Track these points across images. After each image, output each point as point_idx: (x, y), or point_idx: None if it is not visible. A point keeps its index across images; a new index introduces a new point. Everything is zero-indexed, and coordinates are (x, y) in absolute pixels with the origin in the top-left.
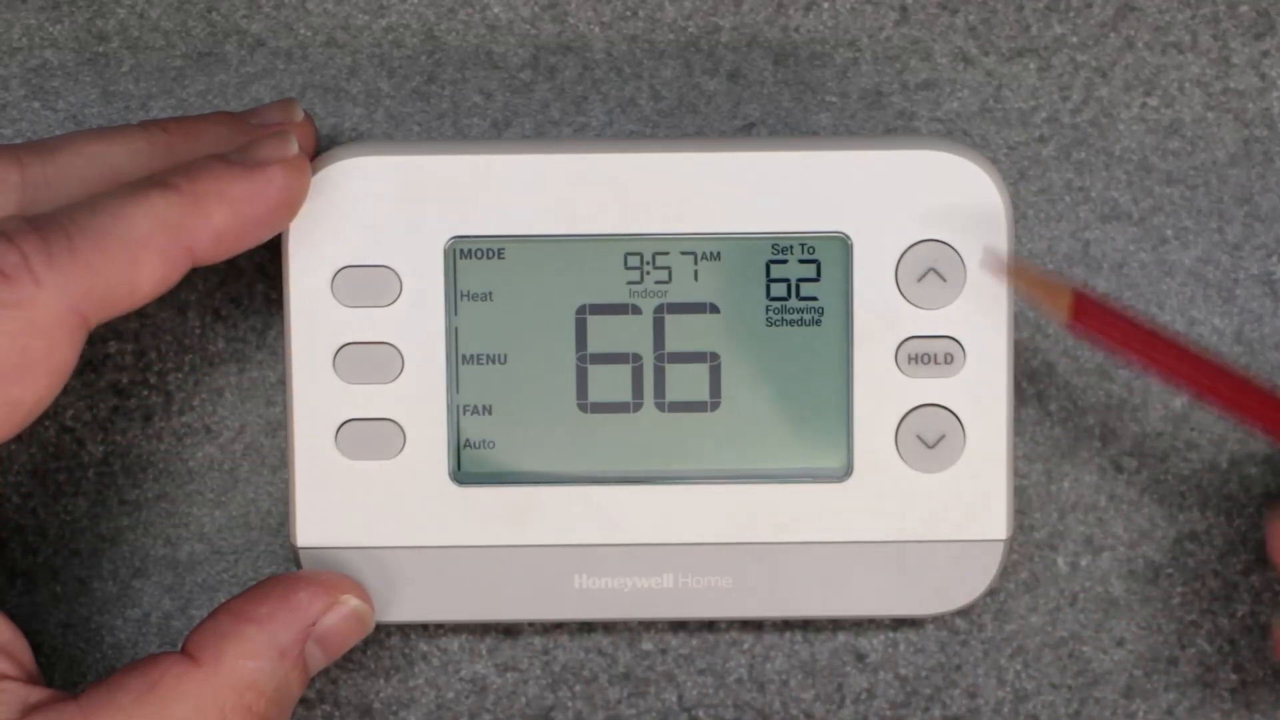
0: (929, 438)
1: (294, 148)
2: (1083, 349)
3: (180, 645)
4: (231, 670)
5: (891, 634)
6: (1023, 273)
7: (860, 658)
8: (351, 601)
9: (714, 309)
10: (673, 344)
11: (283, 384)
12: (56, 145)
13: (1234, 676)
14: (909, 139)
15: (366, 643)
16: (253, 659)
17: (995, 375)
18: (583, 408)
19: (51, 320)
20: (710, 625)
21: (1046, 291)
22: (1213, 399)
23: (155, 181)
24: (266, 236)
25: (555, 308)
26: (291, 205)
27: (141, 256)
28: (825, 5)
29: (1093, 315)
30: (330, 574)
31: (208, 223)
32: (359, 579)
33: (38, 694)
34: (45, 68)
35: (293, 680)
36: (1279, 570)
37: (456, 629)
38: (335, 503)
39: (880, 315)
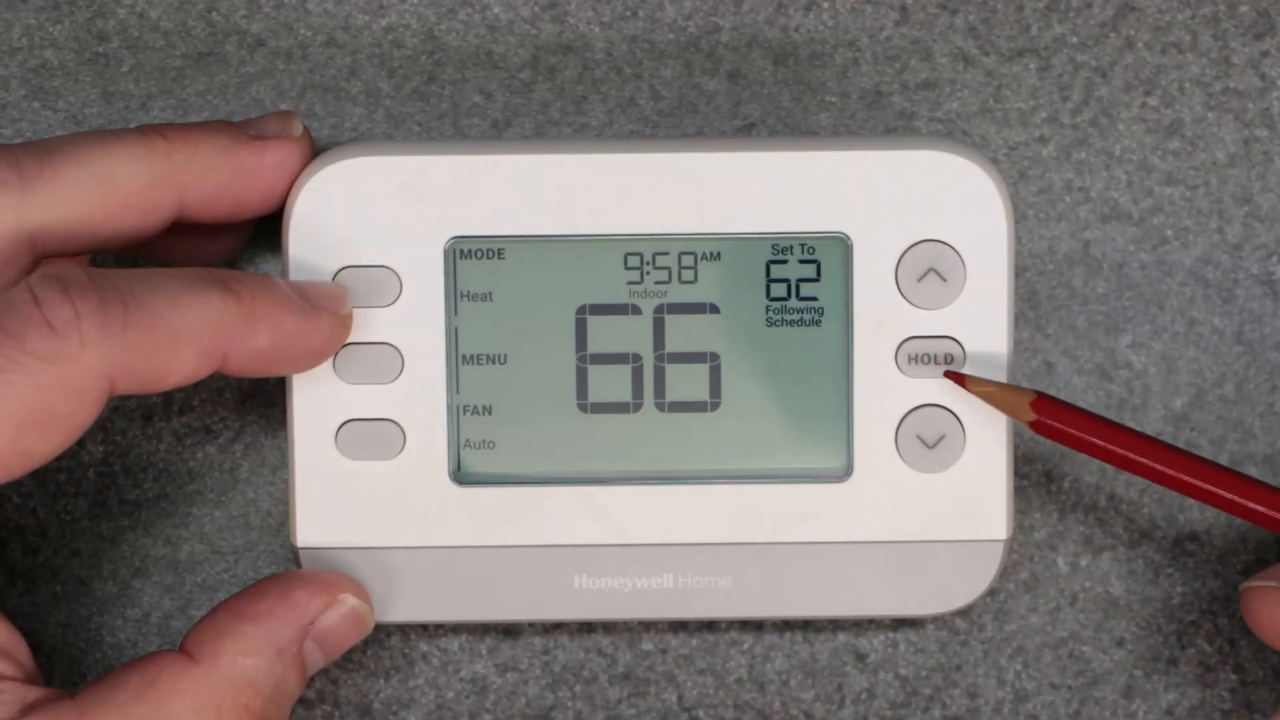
0: (929, 438)
1: (347, 306)
2: (1083, 349)
3: (179, 644)
4: (229, 668)
5: (891, 634)
6: (984, 385)
7: (860, 658)
8: (350, 601)
9: (714, 309)
10: (673, 344)
11: (283, 384)
12: (54, 147)
13: (1234, 676)
14: (909, 139)
15: (366, 643)
16: (250, 657)
17: (995, 375)
18: (583, 408)
19: (84, 382)
20: (710, 625)
21: (1009, 398)
22: (1176, 489)
23: (219, 281)
24: (289, 373)
25: (555, 308)
26: (327, 353)
27: (185, 349)
28: (825, 5)
29: (1053, 415)
30: (329, 573)
31: (253, 341)
32: (359, 579)
33: (35, 693)
34: (45, 68)
35: (290, 679)
36: (1266, 640)
37: (456, 629)
38: (335, 503)
39: (880, 315)
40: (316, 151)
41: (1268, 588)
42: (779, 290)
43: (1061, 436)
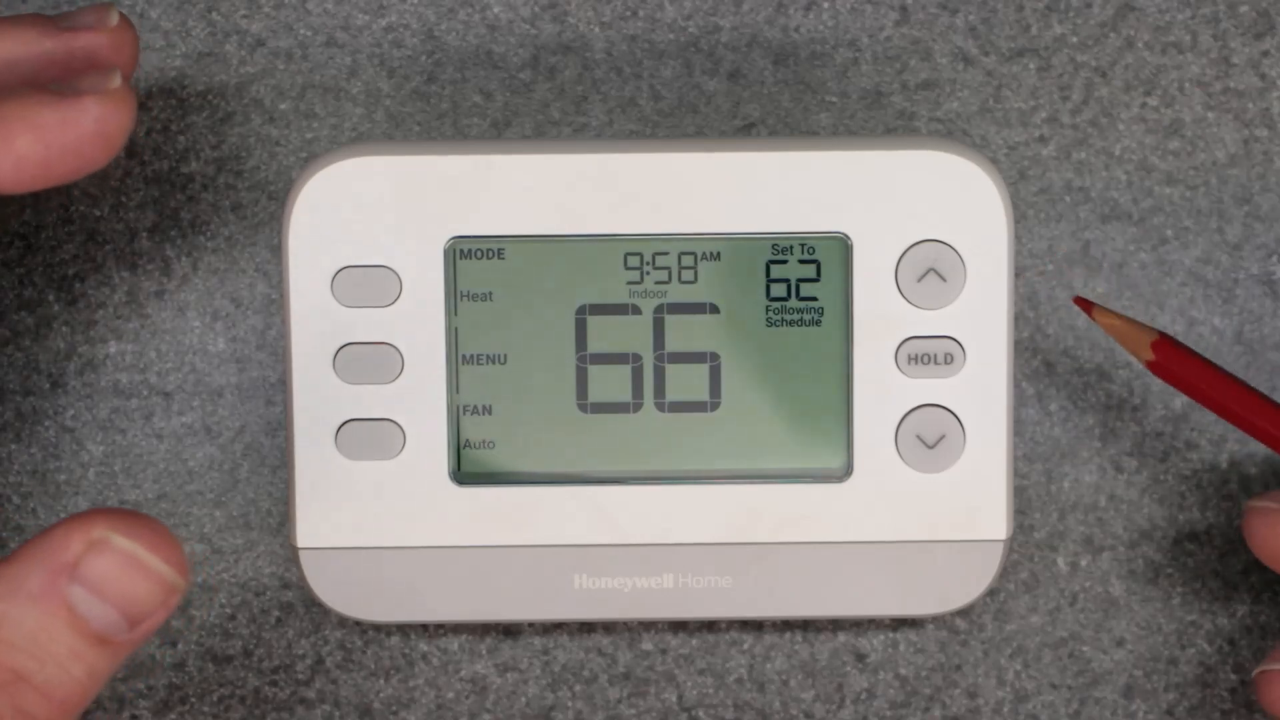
0: (929, 438)
1: (116, 80)
2: (1082, 349)
3: None
4: None
5: (891, 634)
6: (1109, 317)
7: (860, 658)
8: (117, 541)
9: (714, 309)
10: (673, 344)
11: (283, 384)
12: None
13: (1234, 676)
14: (909, 139)
15: (366, 643)
16: None
17: (995, 375)
18: (583, 408)
19: None
20: (710, 625)
21: (1132, 334)
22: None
23: None
24: (80, 171)
25: (555, 308)
26: (108, 139)
27: None
28: (825, 5)
29: (1173, 360)
30: (110, 510)
31: (9, 147)
32: (360, 579)
33: None
34: None
35: (56, 633)
36: (1264, 559)
37: (456, 629)
38: (335, 503)
39: (880, 315)
40: (316, 151)
41: (1269, 509)
42: (779, 290)
43: (1177, 380)
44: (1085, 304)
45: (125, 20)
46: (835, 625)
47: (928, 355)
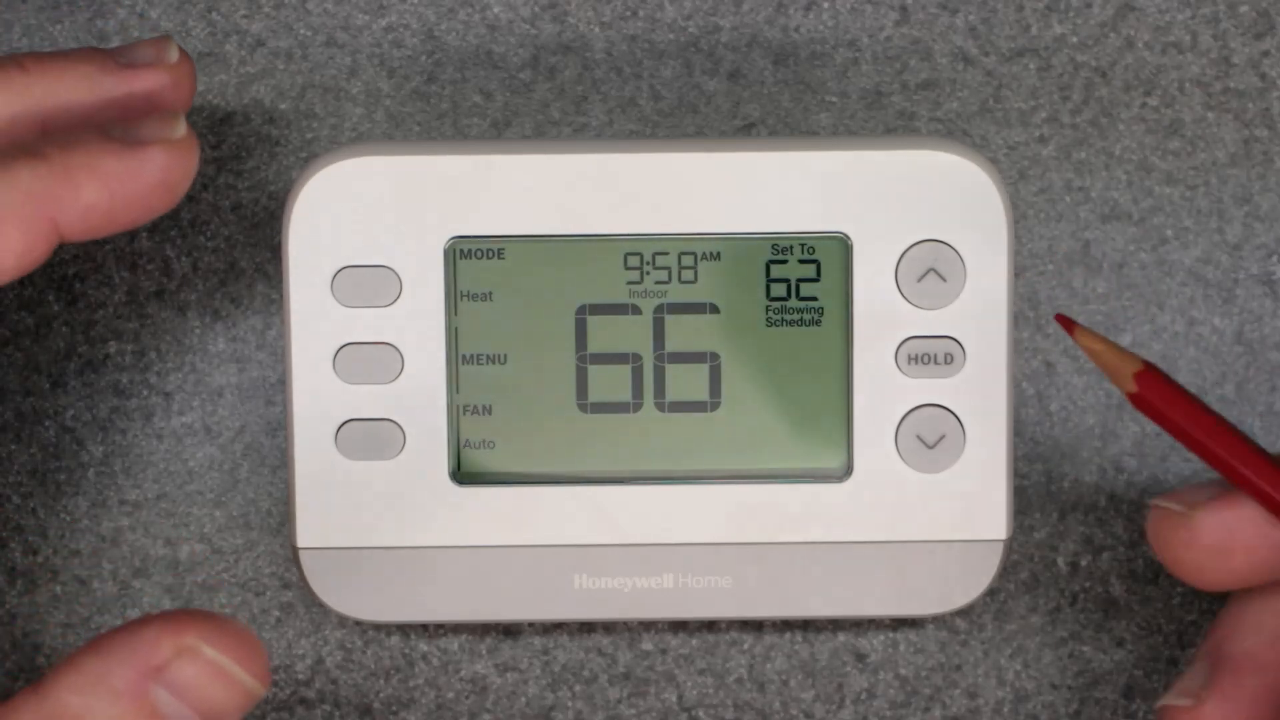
0: (929, 438)
1: (180, 129)
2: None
3: None
4: (56, 702)
5: (891, 634)
6: (1092, 340)
7: (860, 658)
8: (205, 651)
9: (714, 309)
10: (673, 344)
11: (283, 384)
12: None
13: None
14: (909, 139)
15: (366, 643)
16: (80, 694)
17: (995, 375)
18: (583, 408)
19: None
20: (710, 625)
21: (1114, 361)
22: (1266, 506)
23: (24, 149)
24: (144, 219)
25: (555, 308)
26: (171, 187)
27: (2, 230)
28: (825, 5)
29: (1156, 393)
30: (197, 613)
31: (76, 197)
32: (358, 580)
33: None
34: None
35: None
36: (1165, 565)
37: (456, 629)
38: (335, 503)
39: (880, 315)
40: (316, 151)
41: (1170, 510)
42: (779, 290)
43: (1159, 417)
44: (1067, 323)
45: (184, 55)
46: (835, 625)
47: (928, 355)
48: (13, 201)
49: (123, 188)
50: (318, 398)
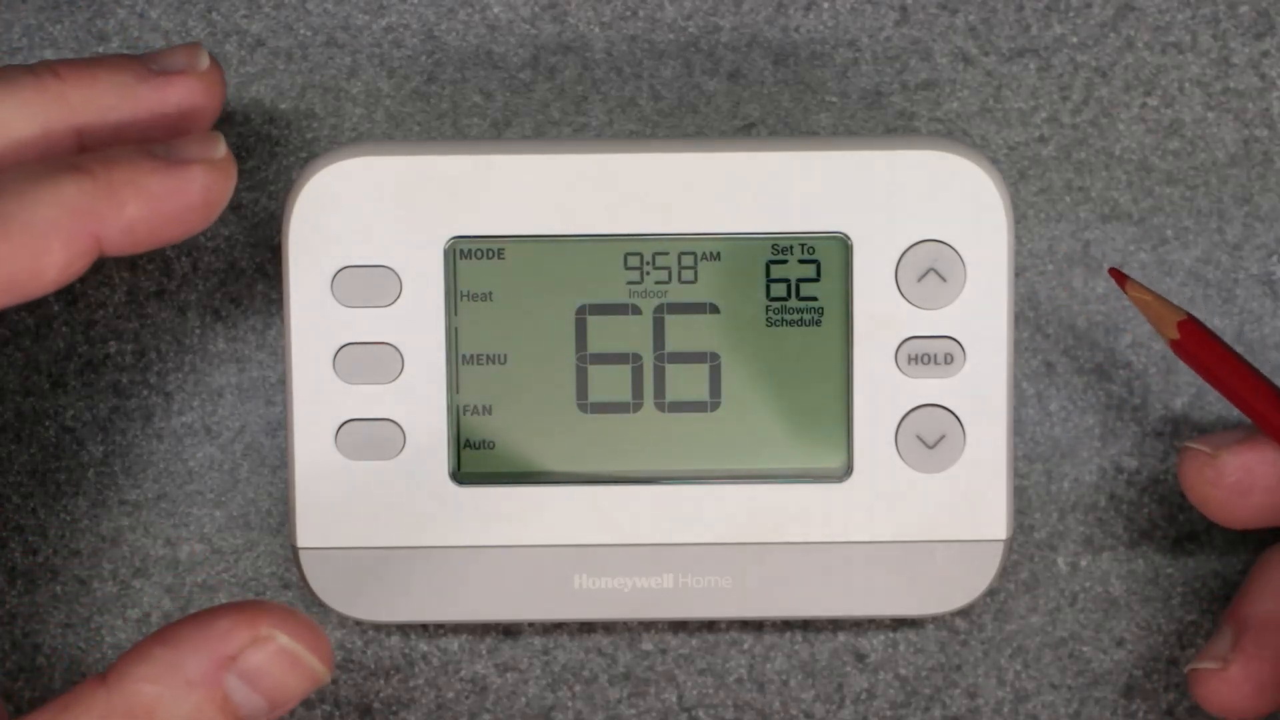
0: (929, 438)
1: (221, 150)
2: (1082, 350)
3: None
4: (130, 694)
5: (891, 634)
6: (1141, 292)
7: (860, 658)
8: (280, 639)
9: (714, 309)
10: (673, 344)
11: (283, 384)
12: None
13: None
14: (909, 139)
15: (366, 643)
16: (153, 684)
17: (995, 375)
18: (583, 408)
19: None
20: (710, 625)
21: (1160, 312)
22: None
23: (68, 164)
24: (182, 236)
25: (555, 308)
26: (210, 207)
27: (46, 243)
28: (825, 5)
29: (1197, 343)
30: (267, 604)
31: (120, 213)
32: (356, 581)
33: None
34: None
35: (208, 718)
36: (1194, 503)
37: (456, 629)
38: (335, 503)
39: (880, 315)
40: (316, 151)
41: (1199, 451)
42: (779, 290)
43: (1197, 364)
44: (1120, 276)
45: (214, 62)
46: (835, 625)
47: (928, 355)
48: (57, 215)
49: (164, 206)
50: (318, 398)
